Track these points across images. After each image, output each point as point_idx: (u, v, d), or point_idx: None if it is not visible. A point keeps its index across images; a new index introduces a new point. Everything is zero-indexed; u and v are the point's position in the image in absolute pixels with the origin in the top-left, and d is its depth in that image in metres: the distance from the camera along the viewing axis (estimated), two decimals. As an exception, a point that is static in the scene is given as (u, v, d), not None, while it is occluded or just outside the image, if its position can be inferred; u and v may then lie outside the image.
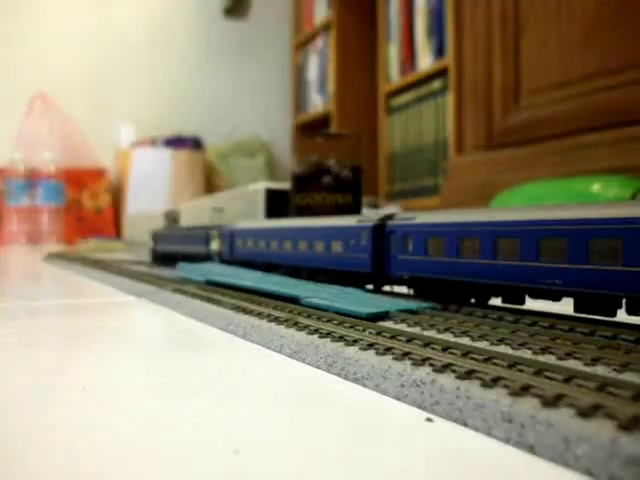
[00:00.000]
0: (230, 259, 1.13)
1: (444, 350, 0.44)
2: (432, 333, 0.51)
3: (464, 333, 0.50)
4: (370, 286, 0.79)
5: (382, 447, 0.33)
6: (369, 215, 0.80)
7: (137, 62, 3.33)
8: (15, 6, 3.10)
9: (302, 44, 3.37)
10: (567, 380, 0.35)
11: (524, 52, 1.74)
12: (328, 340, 0.50)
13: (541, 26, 1.68)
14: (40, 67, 3.13)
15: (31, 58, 3.12)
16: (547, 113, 1.63)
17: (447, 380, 0.37)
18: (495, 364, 0.39)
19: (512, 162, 1.69)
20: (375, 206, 1.95)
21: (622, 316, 0.49)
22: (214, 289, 0.86)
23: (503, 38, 1.80)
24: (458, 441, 0.33)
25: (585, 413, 0.30)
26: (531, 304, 0.58)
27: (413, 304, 0.63)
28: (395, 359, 0.43)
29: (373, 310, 0.58)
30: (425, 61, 2.39)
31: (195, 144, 3.21)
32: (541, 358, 0.41)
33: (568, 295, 0.52)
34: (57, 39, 3.17)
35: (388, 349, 0.45)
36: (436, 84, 2.32)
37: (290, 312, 0.63)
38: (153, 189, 2.99)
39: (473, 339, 0.48)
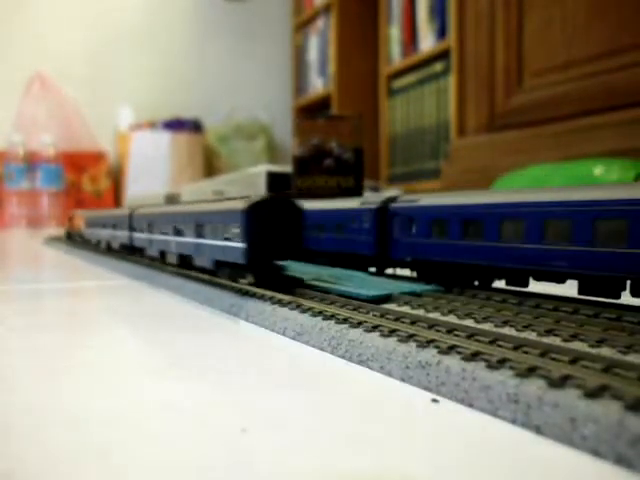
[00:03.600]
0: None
1: (449, 332, 0.44)
2: (436, 315, 0.51)
3: (468, 315, 0.50)
4: (373, 269, 0.79)
5: (387, 427, 0.33)
6: (371, 198, 0.80)
7: (136, 44, 3.30)
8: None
9: (302, 25, 3.33)
10: (573, 361, 0.35)
11: (527, 33, 1.72)
12: (332, 322, 0.50)
13: (544, 7, 1.66)
14: (39, 48, 3.10)
15: (30, 39, 3.09)
16: (550, 95, 1.62)
17: (453, 362, 0.37)
18: (500, 346, 0.39)
19: (514, 145, 1.68)
20: (376, 189, 1.94)
21: (626, 298, 0.49)
22: (216, 272, 0.85)
23: (506, 19, 1.78)
24: (464, 422, 0.33)
25: (592, 394, 0.30)
26: (535, 286, 0.58)
27: (416, 286, 0.63)
28: (400, 341, 0.43)
29: (377, 292, 0.58)
30: (427, 42, 2.37)
31: (195, 127, 3.19)
32: (546, 340, 0.41)
33: (572, 277, 0.52)
34: (56, 20, 3.14)
35: (393, 331, 0.45)
36: (438, 66, 2.30)
37: (293, 294, 0.63)
38: (153, 172, 2.98)
39: (477, 321, 0.48)
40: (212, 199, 0.80)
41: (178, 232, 0.82)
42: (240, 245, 0.62)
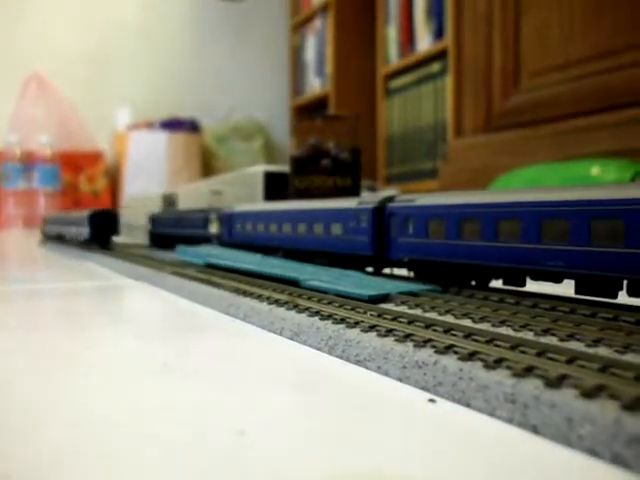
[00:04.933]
0: (229, 242, 1.12)
1: (446, 332, 0.44)
2: (433, 315, 0.51)
3: (465, 315, 0.50)
4: (370, 269, 0.79)
5: (384, 427, 0.33)
6: (369, 197, 0.80)
7: (134, 44, 3.29)
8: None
9: (300, 25, 3.33)
10: (570, 361, 0.35)
11: (524, 34, 1.72)
12: (329, 322, 0.50)
13: (542, 7, 1.67)
14: (36, 48, 3.09)
15: (27, 39, 3.08)
16: (547, 95, 1.62)
17: (450, 361, 0.37)
18: (498, 345, 0.39)
19: (511, 145, 1.68)
20: (373, 189, 1.94)
21: (623, 298, 0.49)
22: (214, 272, 0.85)
23: (503, 19, 1.79)
24: (461, 422, 0.33)
25: (588, 393, 0.30)
26: (532, 286, 0.58)
27: (414, 286, 0.63)
28: (397, 341, 0.43)
29: (374, 292, 0.58)
30: (424, 43, 2.37)
31: (192, 127, 3.19)
32: (543, 340, 0.42)
33: (569, 277, 0.52)
34: (54, 20, 3.13)
35: (390, 331, 0.45)
36: (435, 66, 2.31)
37: (290, 294, 0.63)
38: (150, 172, 2.97)
39: (474, 321, 0.48)
40: (83, 210, 1.70)
41: (72, 225, 1.63)
42: (88, 230, 1.45)
